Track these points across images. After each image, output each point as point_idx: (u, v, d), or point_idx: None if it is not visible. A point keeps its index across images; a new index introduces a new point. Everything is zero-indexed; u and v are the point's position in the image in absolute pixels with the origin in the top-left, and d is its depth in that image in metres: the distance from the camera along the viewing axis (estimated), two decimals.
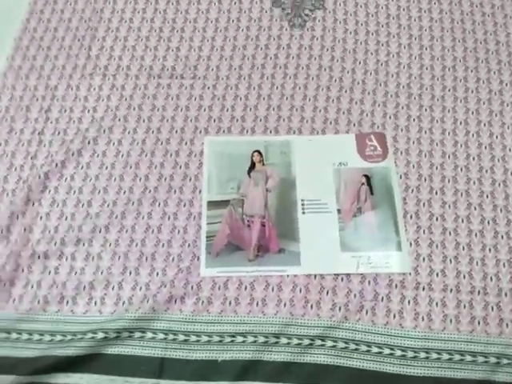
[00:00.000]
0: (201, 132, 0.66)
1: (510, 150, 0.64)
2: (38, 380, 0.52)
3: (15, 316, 0.56)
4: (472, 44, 0.71)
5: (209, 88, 0.69)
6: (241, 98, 0.68)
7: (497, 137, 0.65)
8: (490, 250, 0.58)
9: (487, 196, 0.61)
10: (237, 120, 0.67)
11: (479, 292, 0.56)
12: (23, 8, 0.75)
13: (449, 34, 0.72)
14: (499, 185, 0.62)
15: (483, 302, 0.56)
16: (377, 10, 0.75)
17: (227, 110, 0.67)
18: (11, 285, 0.57)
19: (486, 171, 0.63)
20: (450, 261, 0.58)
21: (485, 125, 0.66)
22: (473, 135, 0.65)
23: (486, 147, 0.64)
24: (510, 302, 0.56)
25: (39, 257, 0.58)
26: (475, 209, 0.61)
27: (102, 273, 0.58)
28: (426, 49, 0.71)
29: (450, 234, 0.59)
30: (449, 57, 0.71)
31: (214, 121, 0.67)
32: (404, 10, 0.75)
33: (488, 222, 0.60)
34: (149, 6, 0.76)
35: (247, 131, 0.66)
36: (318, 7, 0.75)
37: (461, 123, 0.66)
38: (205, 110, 0.67)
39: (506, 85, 0.68)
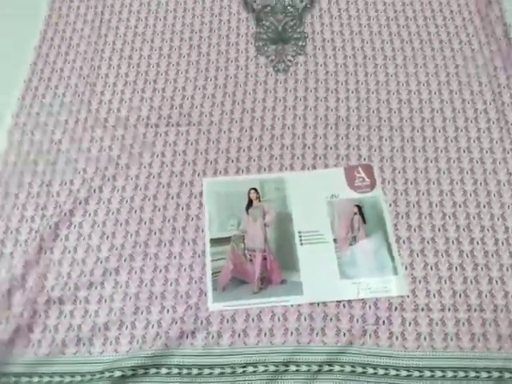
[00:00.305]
0: (199, 174, 0.70)
1: (489, 173, 0.68)
2: None
3: (35, 360, 0.57)
4: (444, 78, 0.77)
5: (204, 133, 0.73)
6: (234, 141, 0.72)
7: (477, 161, 0.69)
8: (482, 268, 0.61)
9: (474, 217, 0.65)
10: (232, 161, 0.71)
11: (476, 309, 0.59)
12: (25, 68, 0.80)
13: (422, 69, 0.78)
14: (484, 206, 0.66)
15: (480, 319, 0.58)
16: (354, 52, 0.81)
17: (222, 153, 0.71)
18: (29, 331, 0.59)
19: (470, 194, 0.67)
20: (445, 281, 0.61)
21: (464, 151, 0.70)
22: (454, 161, 0.69)
23: (467, 172, 0.68)
24: (506, 317, 0.58)
25: (54, 302, 0.60)
26: (464, 230, 0.64)
27: (115, 314, 0.59)
28: (403, 84, 0.77)
29: (442, 255, 0.62)
30: (424, 90, 0.76)
31: (211, 163, 0.71)
32: (379, 50, 0.81)
33: (477, 243, 0.63)
34: (142, 60, 0.81)
35: (242, 171, 0.70)
36: (299, 53, 0.81)
37: (441, 151, 0.70)
38: (201, 154, 0.71)
39: (481, 113, 0.73)
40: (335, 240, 0.64)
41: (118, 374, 0.55)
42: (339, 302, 0.59)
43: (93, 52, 0.82)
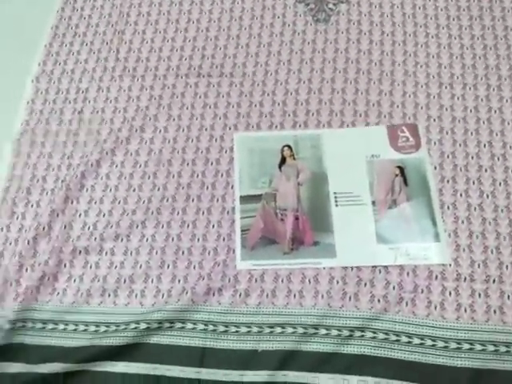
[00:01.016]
0: (230, 129, 0.66)
1: None
2: (85, 368, 0.54)
3: (61, 308, 0.58)
4: (502, 32, 0.70)
5: (236, 85, 0.69)
6: (268, 94, 0.68)
7: None
8: None
9: None
10: (265, 116, 0.67)
11: None
12: (52, 16, 0.77)
13: (477, 22, 0.71)
14: None
15: None
16: (402, 1, 0.74)
17: (255, 106, 0.68)
18: (54, 279, 0.59)
19: None
20: (492, 251, 0.56)
21: None
22: (508, 123, 0.64)
23: None
24: None
25: (80, 252, 0.60)
26: None
27: (140, 267, 0.59)
28: (455, 38, 0.70)
29: (489, 224, 0.58)
30: (478, 45, 0.69)
31: (243, 117, 0.67)
32: (430, 0, 0.73)
33: None
34: (173, 7, 0.77)
35: (276, 126, 0.66)
36: (341, 1, 0.75)
37: (495, 112, 0.64)
38: (233, 107, 0.68)
39: None
40: (373, 202, 0.60)
41: (143, 326, 0.54)
42: (375, 267, 0.57)
43: None
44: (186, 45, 0.73)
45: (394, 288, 0.55)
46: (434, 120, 0.64)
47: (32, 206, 0.63)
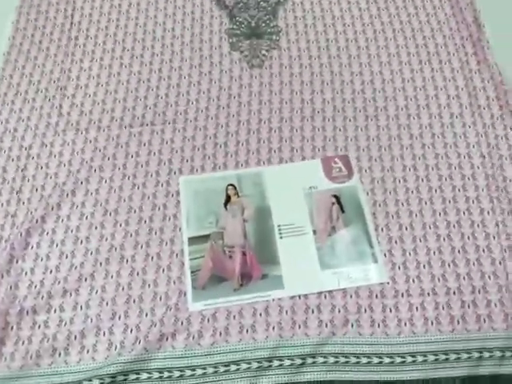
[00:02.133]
0: (175, 173, 0.69)
1: (464, 157, 0.69)
2: None
3: (8, 375, 0.55)
4: (417, 66, 0.78)
5: (179, 131, 0.72)
6: (210, 137, 0.72)
7: (450, 146, 0.70)
8: (459, 251, 0.62)
9: (449, 201, 0.66)
10: (208, 158, 0.70)
11: (454, 292, 0.59)
12: None
13: (395, 58, 0.79)
14: (459, 190, 0.66)
15: (459, 302, 0.59)
16: (327, 44, 0.81)
17: (198, 150, 0.71)
18: (2, 344, 0.57)
19: (446, 179, 0.67)
20: (424, 266, 0.61)
21: (438, 137, 0.71)
22: (428, 147, 0.70)
23: (442, 157, 0.69)
24: (483, 298, 0.59)
25: (27, 312, 0.59)
26: (440, 215, 0.65)
27: (91, 320, 0.58)
28: (376, 74, 0.77)
29: (420, 240, 0.63)
30: (397, 79, 0.77)
31: (187, 161, 0.70)
32: (352, 41, 0.81)
33: (454, 226, 0.64)
34: (114, 61, 0.80)
35: (219, 167, 0.69)
36: (273, 47, 0.81)
37: (416, 138, 0.71)
38: (177, 152, 0.71)
39: (453, 98, 0.74)
40: (314, 231, 0.63)
41: (95, 382, 0.53)
42: (320, 293, 0.59)
43: (63, 55, 0.80)
44: (129, 96, 0.76)
45: (339, 311, 0.58)
46: (363, 150, 0.70)
47: None
